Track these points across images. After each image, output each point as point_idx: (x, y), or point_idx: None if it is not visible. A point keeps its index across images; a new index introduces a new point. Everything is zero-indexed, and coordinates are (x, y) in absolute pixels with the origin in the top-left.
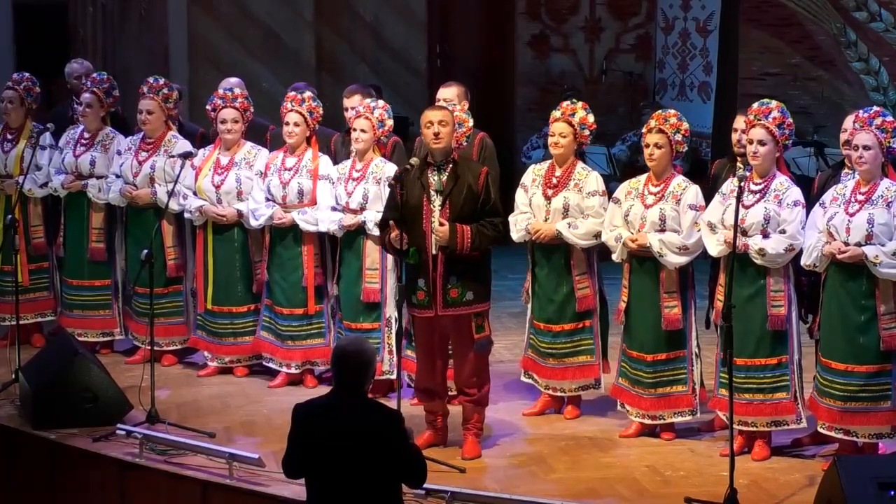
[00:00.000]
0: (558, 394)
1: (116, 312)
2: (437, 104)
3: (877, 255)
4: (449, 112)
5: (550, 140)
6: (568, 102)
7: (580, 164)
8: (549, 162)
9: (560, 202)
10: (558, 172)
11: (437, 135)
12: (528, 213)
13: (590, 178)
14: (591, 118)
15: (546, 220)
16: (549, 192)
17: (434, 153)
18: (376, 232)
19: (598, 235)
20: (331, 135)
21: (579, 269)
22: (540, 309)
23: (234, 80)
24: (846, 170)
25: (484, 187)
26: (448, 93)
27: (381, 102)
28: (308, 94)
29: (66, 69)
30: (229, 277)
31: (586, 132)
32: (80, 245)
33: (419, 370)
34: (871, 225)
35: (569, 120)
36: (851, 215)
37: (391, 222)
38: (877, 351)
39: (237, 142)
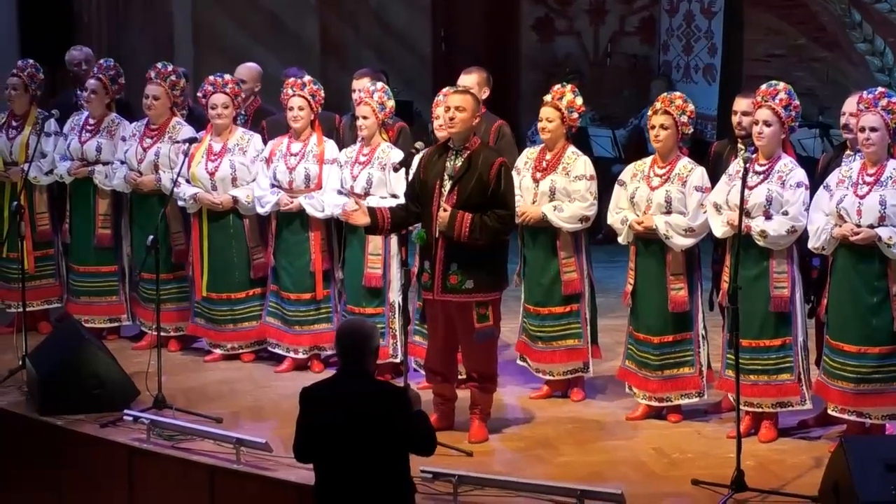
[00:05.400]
0: (547, 377)
1: (123, 298)
2: (458, 87)
3: (891, 237)
4: (470, 98)
5: (539, 125)
6: (559, 86)
7: (571, 148)
8: (541, 146)
9: (547, 185)
10: (548, 156)
11: (451, 119)
12: (519, 196)
13: (578, 161)
14: (579, 101)
15: (534, 202)
16: (538, 174)
17: (453, 137)
18: None
19: (583, 219)
20: (330, 117)
21: (566, 251)
22: (529, 291)
23: (251, 64)
24: (847, 151)
25: (495, 178)
26: (468, 80)
27: (379, 84)
28: (308, 77)
29: (66, 57)
30: (226, 264)
31: (574, 115)
32: (86, 231)
33: (429, 351)
34: (883, 206)
35: (555, 104)
36: (862, 197)
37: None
38: (890, 331)
39: (228, 127)
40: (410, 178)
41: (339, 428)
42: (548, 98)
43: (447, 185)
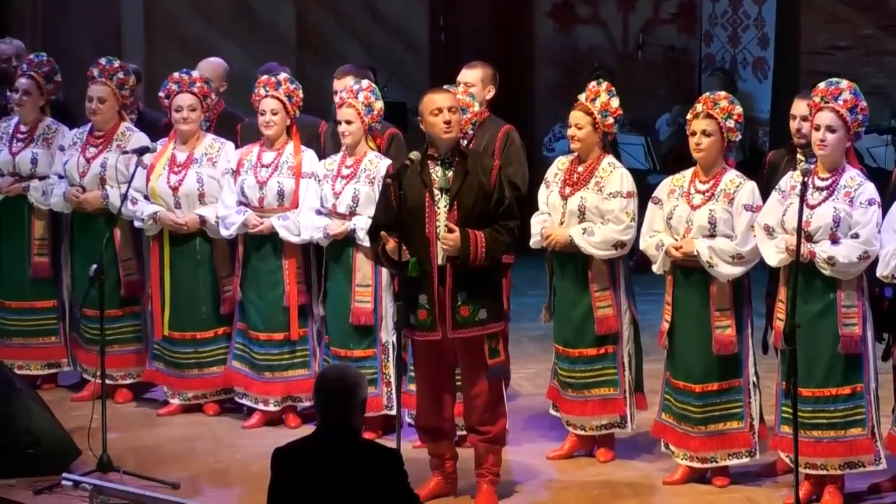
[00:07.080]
0: (578, 431)
1: (63, 339)
2: (440, 87)
3: None
4: (456, 97)
5: (568, 132)
6: (594, 83)
7: (607, 159)
8: (575, 155)
9: (576, 203)
10: (581, 168)
11: (447, 123)
12: (546, 215)
13: (613, 175)
14: (614, 103)
15: (562, 223)
16: (567, 190)
17: (440, 145)
18: (367, 242)
19: (618, 245)
20: (314, 124)
21: (599, 283)
22: (559, 328)
23: (215, 59)
24: None
25: (497, 184)
26: (470, 76)
27: (364, 83)
28: (284, 75)
29: None
30: (192, 297)
31: (609, 120)
32: (18, 260)
33: (421, 405)
34: None
35: (586, 108)
36: None
37: (383, 231)
38: None
39: (195, 134)
40: (381, 199)
41: (317, 496)
42: (581, 97)
43: (442, 200)
